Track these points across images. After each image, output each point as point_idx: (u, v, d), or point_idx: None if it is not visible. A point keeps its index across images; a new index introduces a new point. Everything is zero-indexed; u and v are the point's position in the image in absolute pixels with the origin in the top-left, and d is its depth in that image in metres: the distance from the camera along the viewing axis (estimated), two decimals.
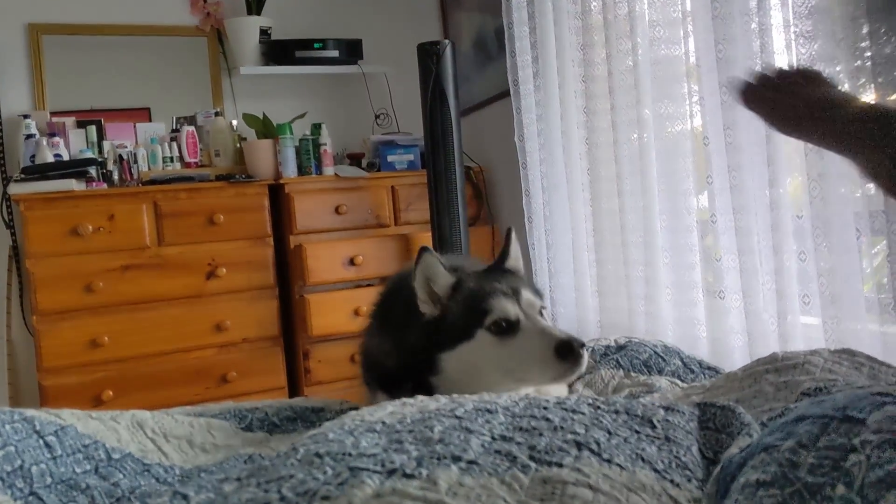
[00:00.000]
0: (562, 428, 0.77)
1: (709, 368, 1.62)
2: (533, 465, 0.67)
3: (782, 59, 1.87)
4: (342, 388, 3.24)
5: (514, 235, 1.47)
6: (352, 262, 3.29)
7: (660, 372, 1.57)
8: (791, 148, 1.91)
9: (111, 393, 3.01)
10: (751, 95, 1.14)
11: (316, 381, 3.31)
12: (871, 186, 1.72)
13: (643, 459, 0.72)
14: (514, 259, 1.46)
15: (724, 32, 2.00)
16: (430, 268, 1.33)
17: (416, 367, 1.30)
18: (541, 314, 1.31)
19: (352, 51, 3.78)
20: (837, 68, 1.74)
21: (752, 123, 1.97)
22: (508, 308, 1.27)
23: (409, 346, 1.33)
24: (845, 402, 0.63)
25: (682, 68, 2.25)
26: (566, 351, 1.17)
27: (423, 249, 1.34)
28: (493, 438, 0.74)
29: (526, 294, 1.31)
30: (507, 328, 1.26)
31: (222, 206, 3.21)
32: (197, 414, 1.29)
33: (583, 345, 1.17)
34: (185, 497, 0.69)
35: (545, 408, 0.85)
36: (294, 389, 3.36)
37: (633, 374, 1.57)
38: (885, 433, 0.56)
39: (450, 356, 1.28)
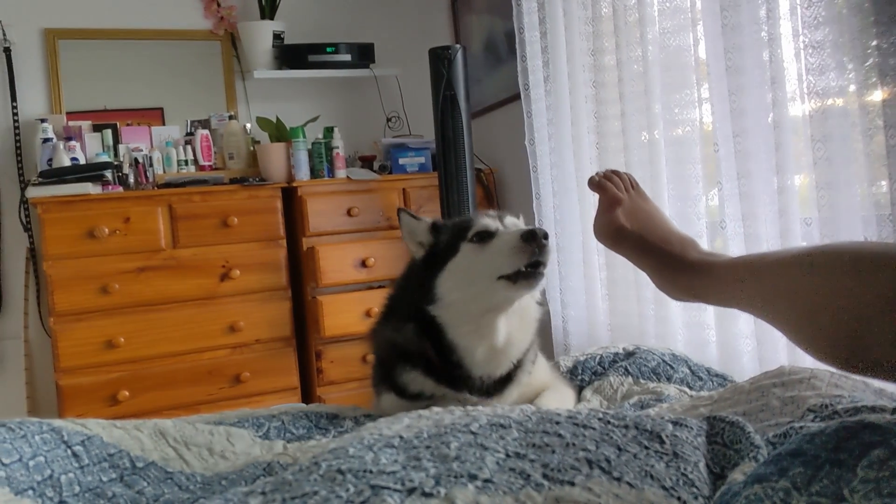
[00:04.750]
0: (573, 444, 0.80)
1: (717, 376, 1.64)
2: (546, 483, 0.70)
3: (792, 69, 1.89)
4: (354, 388, 3.28)
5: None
6: (363, 263, 3.33)
7: (668, 379, 1.59)
8: (800, 156, 1.92)
9: (127, 393, 3.05)
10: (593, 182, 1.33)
11: (328, 381, 3.34)
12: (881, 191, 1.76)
13: (652, 477, 0.74)
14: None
15: (733, 41, 2.02)
16: (407, 223, 1.52)
17: (417, 306, 1.43)
18: None
19: (364, 54, 3.81)
20: (849, 76, 1.76)
21: (761, 131, 1.99)
22: (487, 222, 1.43)
23: (409, 287, 1.49)
24: (837, 442, 0.66)
25: (692, 75, 2.27)
26: (530, 236, 1.32)
27: (399, 210, 1.55)
28: (507, 455, 0.76)
29: (510, 217, 1.46)
30: (486, 236, 1.40)
31: (236, 208, 3.25)
32: (216, 422, 1.33)
33: (546, 234, 1.32)
34: None
35: (557, 423, 0.88)
36: (306, 389, 3.40)
37: (641, 381, 1.59)
38: (870, 482, 0.60)
39: (442, 277, 1.41)
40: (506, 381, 1.44)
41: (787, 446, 0.69)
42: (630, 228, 1.24)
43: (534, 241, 1.31)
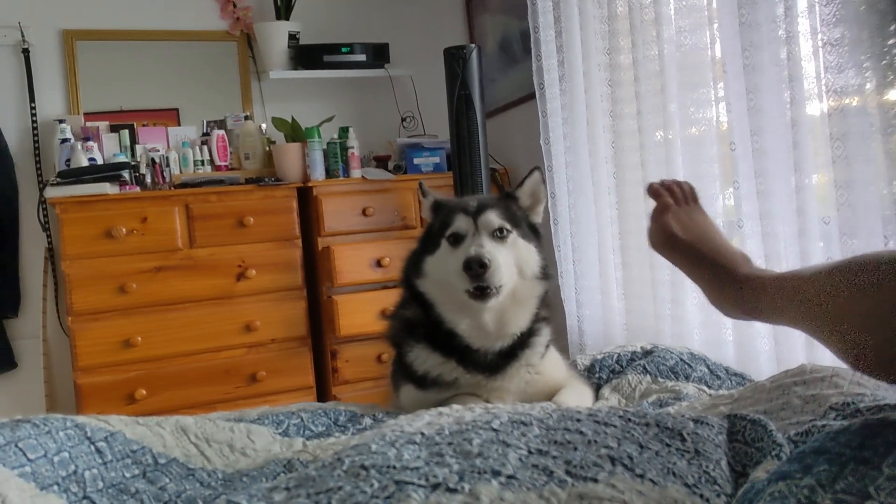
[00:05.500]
0: (595, 442, 0.80)
1: (735, 375, 1.64)
2: (569, 479, 0.70)
3: (809, 67, 1.88)
4: (369, 387, 3.29)
5: (537, 174, 1.66)
6: (378, 263, 3.33)
7: (686, 378, 1.59)
8: (818, 154, 1.91)
9: (144, 392, 3.07)
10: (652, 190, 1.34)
11: (343, 380, 3.35)
12: None
13: (674, 474, 0.75)
14: (527, 192, 1.64)
15: (750, 39, 2.01)
16: (424, 201, 1.67)
17: (411, 274, 1.57)
18: (497, 234, 1.49)
19: (378, 54, 3.82)
20: (867, 74, 1.75)
21: (778, 129, 1.98)
22: (461, 223, 1.51)
23: (410, 256, 1.62)
24: (861, 440, 0.66)
25: (708, 74, 2.26)
26: (466, 266, 1.40)
27: (420, 183, 1.72)
28: (529, 452, 0.77)
29: (488, 214, 1.51)
30: (458, 240, 1.50)
31: (252, 208, 3.27)
32: (236, 419, 1.34)
33: (482, 264, 1.39)
34: None
35: (578, 420, 0.88)
36: (322, 389, 3.41)
37: (660, 379, 1.59)
38: None
39: (430, 260, 1.54)
40: (509, 356, 1.47)
41: (810, 444, 0.69)
42: (683, 238, 1.25)
43: (469, 271, 1.40)
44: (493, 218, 1.50)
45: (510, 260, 1.47)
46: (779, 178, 1.99)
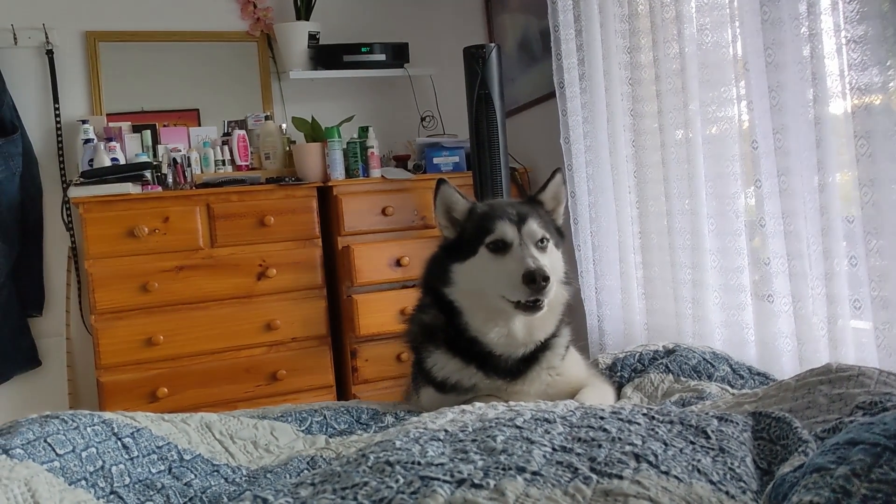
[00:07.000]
0: (619, 439, 0.80)
1: (758, 374, 1.63)
2: (594, 476, 0.70)
3: (833, 64, 1.87)
4: (389, 386, 3.29)
5: (559, 177, 1.65)
6: (398, 262, 3.34)
7: (709, 377, 1.58)
8: (841, 152, 1.90)
9: (166, 390, 3.09)
10: None
11: (363, 379, 3.36)
12: None
13: (699, 471, 0.74)
14: (550, 195, 1.63)
15: (773, 37, 1.99)
16: (448, 196, 1.59)
17: (436, 283, 1.55)
18: (539, 244, 1.48)
19: (398, 54, 3.83)
20: (889, 73, 1.73)
21: (801, 128, 1.96)
22: (507, 230, 1.47)
23: (433, 264, 1.59)
24: None
25: (730, 72, 2.25)
26: (530, 280, 1.37)
27: (441, 182, 1.60)
28: (553, 449, 0.77)
29: (530, 223, 1.49)
30: (502, 247, 1.46)
31: (272, 208, 3.29)
32: (260, 416, 1.35)
33: (546, 278, 1.37)
34: (265, 501, 0.73)
35: (601, 418, 0.88)
36: (342, 388, 3.42)
37: (682, 379, 1.59)
38: None
39: (460, 268, 1.50)
40: (530, 360, 1.47)
41: (842, 436, 0.69)
42: None
43: (533, 285, 1.38)
44: (536, 228, 1.49)
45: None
46: (801, 176, 1.98)
